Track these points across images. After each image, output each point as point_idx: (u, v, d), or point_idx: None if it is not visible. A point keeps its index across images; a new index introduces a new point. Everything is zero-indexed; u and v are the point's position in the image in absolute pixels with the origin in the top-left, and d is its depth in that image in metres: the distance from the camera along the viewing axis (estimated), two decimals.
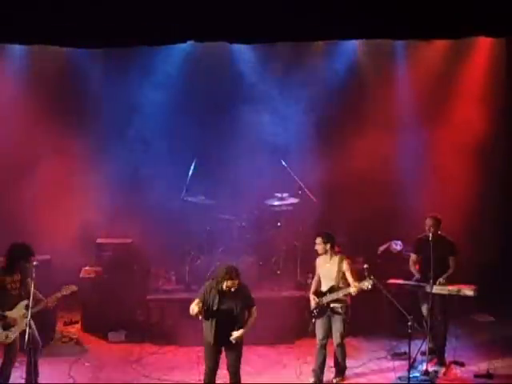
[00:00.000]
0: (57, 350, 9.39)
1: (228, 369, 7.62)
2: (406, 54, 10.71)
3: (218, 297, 7.38)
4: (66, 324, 10.17)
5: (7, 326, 7.72)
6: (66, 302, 10.14)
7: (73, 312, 10.37)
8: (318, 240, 8.34)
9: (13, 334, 7.74)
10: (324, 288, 8.31)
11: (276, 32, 8.39)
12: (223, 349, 7.55)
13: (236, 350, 7.54)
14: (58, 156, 10.54)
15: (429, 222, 8.75)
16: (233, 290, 7.36)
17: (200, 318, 7.40)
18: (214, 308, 7.38)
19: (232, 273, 7.35)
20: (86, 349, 9.43)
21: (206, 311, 7.39)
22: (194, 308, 7.34)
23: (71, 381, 8.45)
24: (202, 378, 7.70)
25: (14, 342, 7.82)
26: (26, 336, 7.37)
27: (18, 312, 7.78)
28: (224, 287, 7.34)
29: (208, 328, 7.46)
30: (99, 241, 10.08)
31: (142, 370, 8.73)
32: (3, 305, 7.73)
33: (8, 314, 7.72)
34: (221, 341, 7.47)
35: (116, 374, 8.66)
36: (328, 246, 8.31)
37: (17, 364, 8.61)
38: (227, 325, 7.41)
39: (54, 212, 10.40)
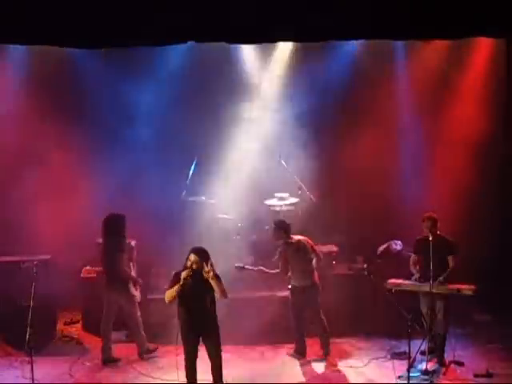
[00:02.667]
0: (57, 350, 9.40)
1: (210, 359, 7.66)
2: (406, 54, 10.72)
3: (190, 280, 7.45)
4: (66, 323, 10.18)
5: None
6: (66, 301, 10.29)
7: (73, 311, 10.39)
8: None
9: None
10: None
11: (276, 32, 8.39)
12: (201, 339, 7.62)
13: (213, 338, 7.61)
14: (57, 155, 10.57)
15: (427, 222, 8.77)
16: (195, 267, 7.43)
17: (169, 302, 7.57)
18: (188, 292, 7.46)
19: (195, 249, 7.55)
20: (86, 348, 9.44)
21: (181, 296, 7.50)
22: (173, 292, 7.48)
23: (71, 380, 8.45)
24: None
25: None
26: (27, 335, 7.43)
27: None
28: (188, 265, 7.46)
29: (184, 314, 7.55)
30: (99, 241, 10.06)
31: (142, 370, 8.72)
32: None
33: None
34: (197, 327, 7.56)
35: (116, 374, 8.66)
36: (279, 232, 8.90)
37: (16, 364, 8.66)
38: (201, 310, 7.53)
39: (55, 212, 10.42)
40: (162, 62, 10.55)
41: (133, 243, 9.37)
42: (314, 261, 9.07)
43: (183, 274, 7.52)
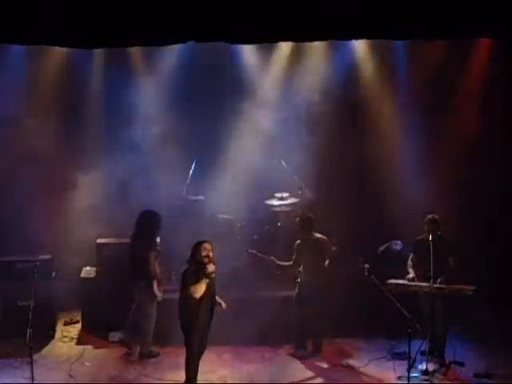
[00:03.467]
0: (57, 350, 9.40)
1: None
2: (406, 54, 10.71)
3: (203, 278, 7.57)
4: (66, 324, 10.17)
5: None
6: (66, 301, 10.28)
7: (73, 312, 10.38)
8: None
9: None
10: None
11: (276, 32, 8.39)
12: None
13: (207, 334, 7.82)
14: (57, 155, 10.57)
15: (428, 223, 8.79)
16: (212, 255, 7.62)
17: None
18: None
19: (204, 240, 7.74)
20: (86, 349, 9.43)
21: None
22: (202, 287, 7.52)
23: (71, 381, 8.45)
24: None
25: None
26: (27, 335, 7.44)
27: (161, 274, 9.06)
28: (204, 255, 7.58)
29: (199, 311, 7.61)
30: (99, 241, 10.07)
31: (142, 370, 8.73)
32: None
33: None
34: (205, 324, 7.72)
35: (116, 375, 8.65)
36: (303, 226, 9.05)
37: (16, 364, 8.65)
38: (210, 308, 7.72)
39: (54, 211, 10.42)
40: (161, 61, 10.57)
41: (157, 240, 9.30)
42: (326, 262, 9.12)
43: (210, 268, 7.57)
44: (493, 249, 10.45)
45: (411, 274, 8.79)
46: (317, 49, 10.63)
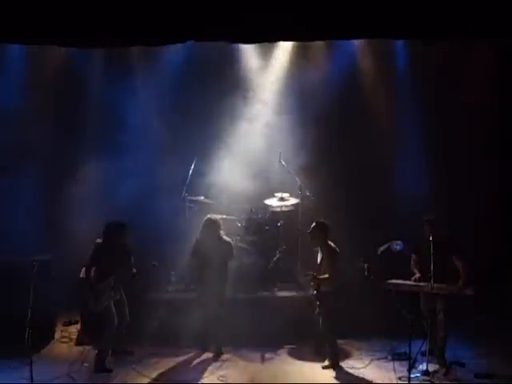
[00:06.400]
0: (57, 350, 9.39)
1: None
2: (406, 54, 10.71)
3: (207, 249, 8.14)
4: (65, 324, 10.16)
5: (98, 296, 8.63)
6: (65, 302, 10.28)
7: (73, 312, 10.37)
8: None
9: (101, 304, 8.64)
10: None
11: (276, 32, 8.39)
12: None
13: None
14: (56, 155, 10.57)
15: (427, 224, 8.79)
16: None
17: None
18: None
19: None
20: (85, 349, 9.40)
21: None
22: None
23: (71, 381, 8.44)
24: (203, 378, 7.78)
25: (110, 309, 8.69)
26: (26, 335, 7.44)
27: (107, 284, 8.66)
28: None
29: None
30: (99, 241, 10.04)
31: (142, 370, 8.72)
32: (96, 277, 8.68)
33: (98, 286, 8.65)
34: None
35: (115, 375, 8.63)
36: (318, 233, 8.80)
37: (16, 364, 8.64)
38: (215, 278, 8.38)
39: (54, 212, 10.42)
40: (161, 61, 10.57)
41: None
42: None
43: None
44: (493, 248, 10.44)
45: (417, 275, 8.77)
46: (317, 49, 10.63)
